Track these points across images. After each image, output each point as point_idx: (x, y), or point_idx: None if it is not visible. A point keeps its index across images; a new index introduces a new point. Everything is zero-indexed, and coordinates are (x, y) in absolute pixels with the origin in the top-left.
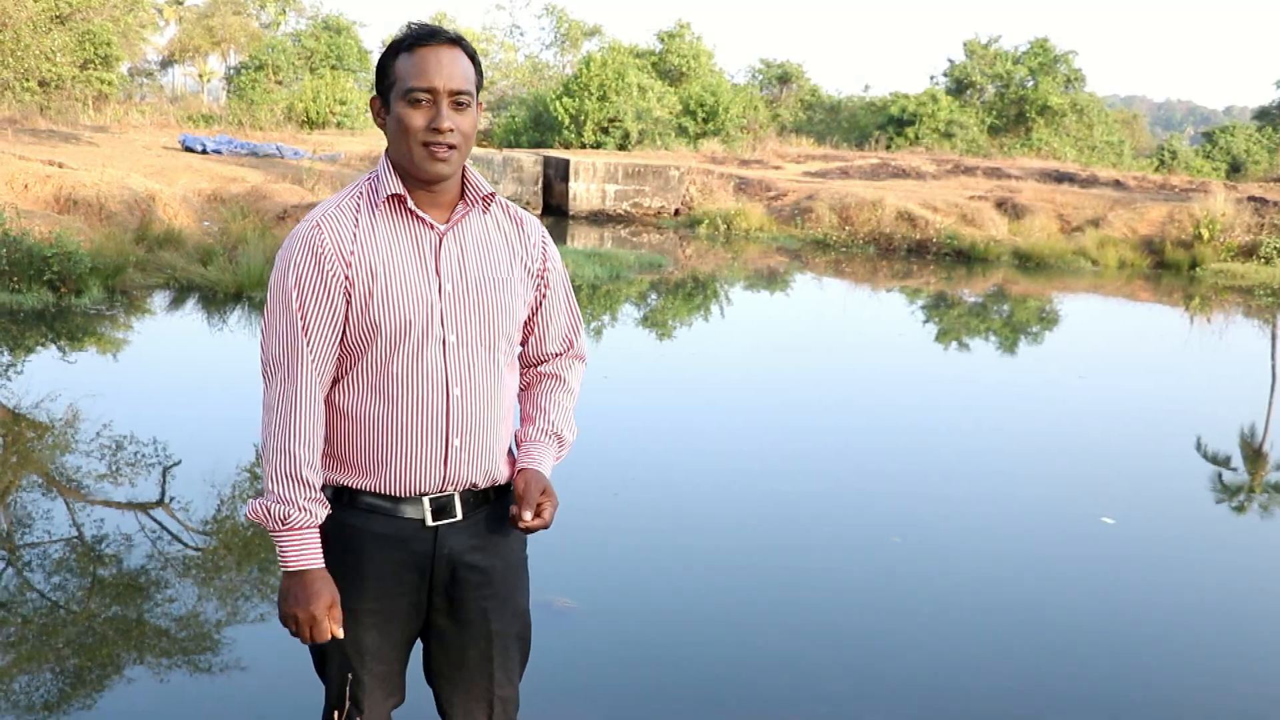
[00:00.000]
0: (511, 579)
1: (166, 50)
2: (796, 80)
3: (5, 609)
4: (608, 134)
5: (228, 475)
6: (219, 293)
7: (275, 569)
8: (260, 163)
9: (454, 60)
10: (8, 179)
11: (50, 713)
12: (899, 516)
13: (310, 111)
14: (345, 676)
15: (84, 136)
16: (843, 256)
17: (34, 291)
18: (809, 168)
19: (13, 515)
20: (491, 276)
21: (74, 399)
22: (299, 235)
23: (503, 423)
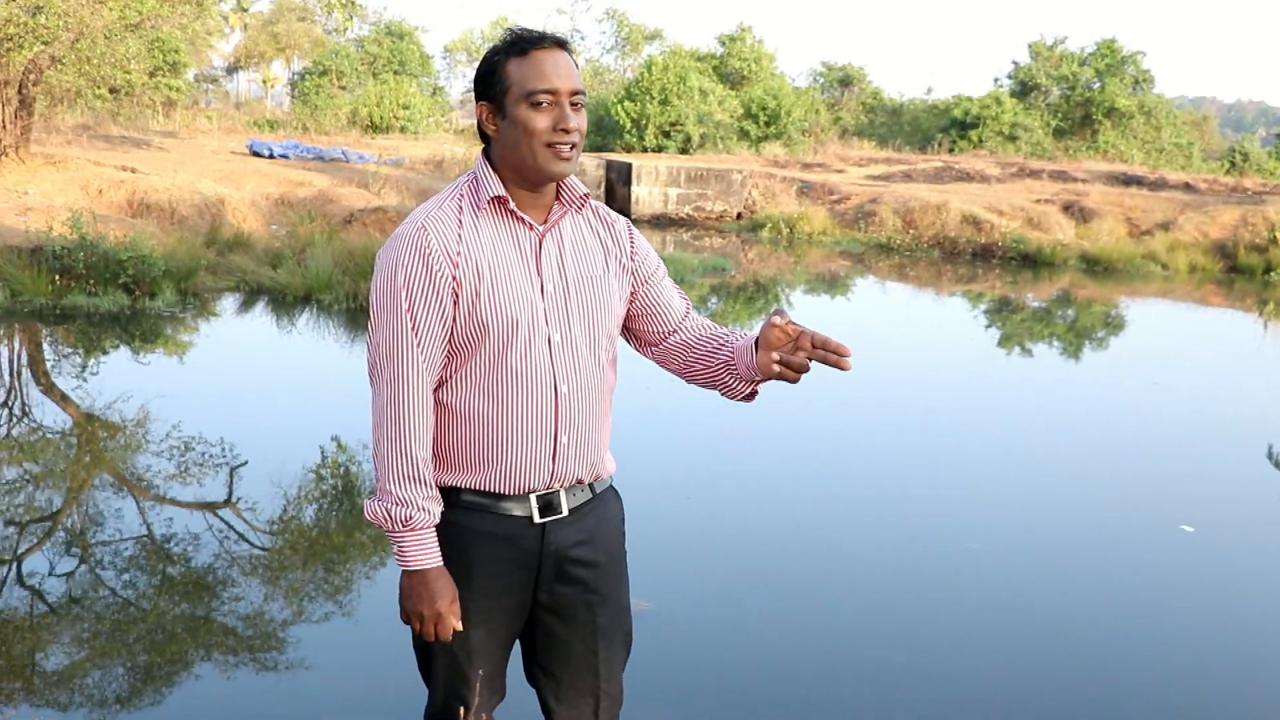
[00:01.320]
0: (615, 574)
1: (232, 56)
2: (858, 83)
3: (79, 605)
4: (669, 137)
5: (294, 476)
6: (288, 296)
7: (339, 569)
8: (326, 167)
9: (569, 61)
10: (83, 184)
11: (122, 707)
12: (974, 523)
13: (374, 116)
14: (452, 676)
15: (154, 142)
16: (906, 260)
17: (109, 294)
18: (872, 171)
19: (86, 513)
20: (589, 275)
21: (145, 400)
22: (404, 237)
23: (606, 416)
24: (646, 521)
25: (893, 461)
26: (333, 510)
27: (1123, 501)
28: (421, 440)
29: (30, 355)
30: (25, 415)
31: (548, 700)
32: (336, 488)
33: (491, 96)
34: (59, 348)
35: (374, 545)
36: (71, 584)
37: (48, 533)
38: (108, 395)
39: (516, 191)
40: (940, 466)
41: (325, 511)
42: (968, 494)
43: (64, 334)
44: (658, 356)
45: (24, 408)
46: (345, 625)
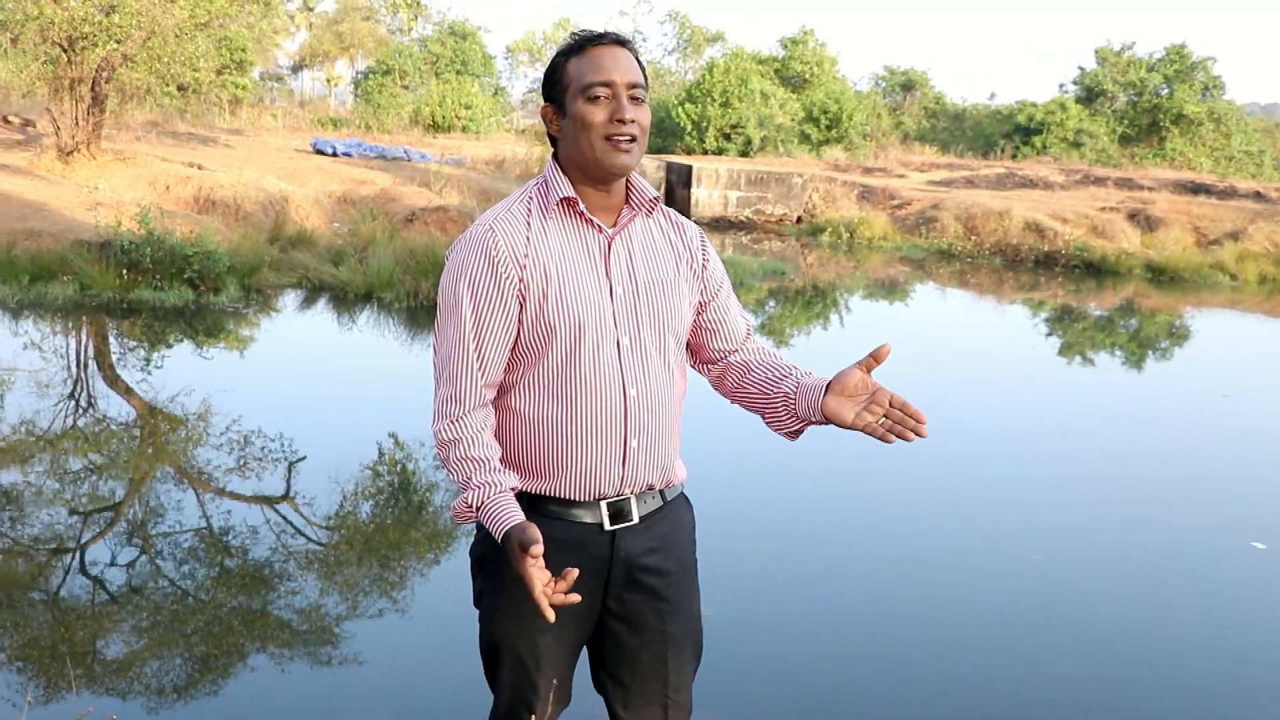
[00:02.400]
0: (685, 582)
1: (297, 55)
2: (920, 87)
3: (139, 595)
4: (730, 140)
5: (351, 473)
6: (349, 293)
7: (393, 566)
8: (388, 166)
9: (628, 56)
10: (151, 180)
11: (179, 697)
12: (1036, 534)
13: (436, 116)
14: (519, 682)
15: (221, 139)
16: (968, 267)
17: (175, 289)
18: (933, 176)
19: (147, 505)
20: (659, 279)
21: (207, 394)
22: (472, 238)
23: (676, 421)
24: (707, 525)
25: (953, 469)
26: (389, 507)
27: (1190, 516)
28: (480, 440)
29: (97, 348)
30: (91, 406)
31: (615, 708)
32: (393, 485)
33: (554, 96)
34: (125, 341)
35: (429, 543)
36: (132, 574)
37: (110, 523)
38: (171, 388)
39: (586, 193)
40: (1001, 476)
41: (381, 508)
42: (1029, 505)
43: (130, 327)
44: (714, 375)
45: (90, 399)
46: (399, 622)
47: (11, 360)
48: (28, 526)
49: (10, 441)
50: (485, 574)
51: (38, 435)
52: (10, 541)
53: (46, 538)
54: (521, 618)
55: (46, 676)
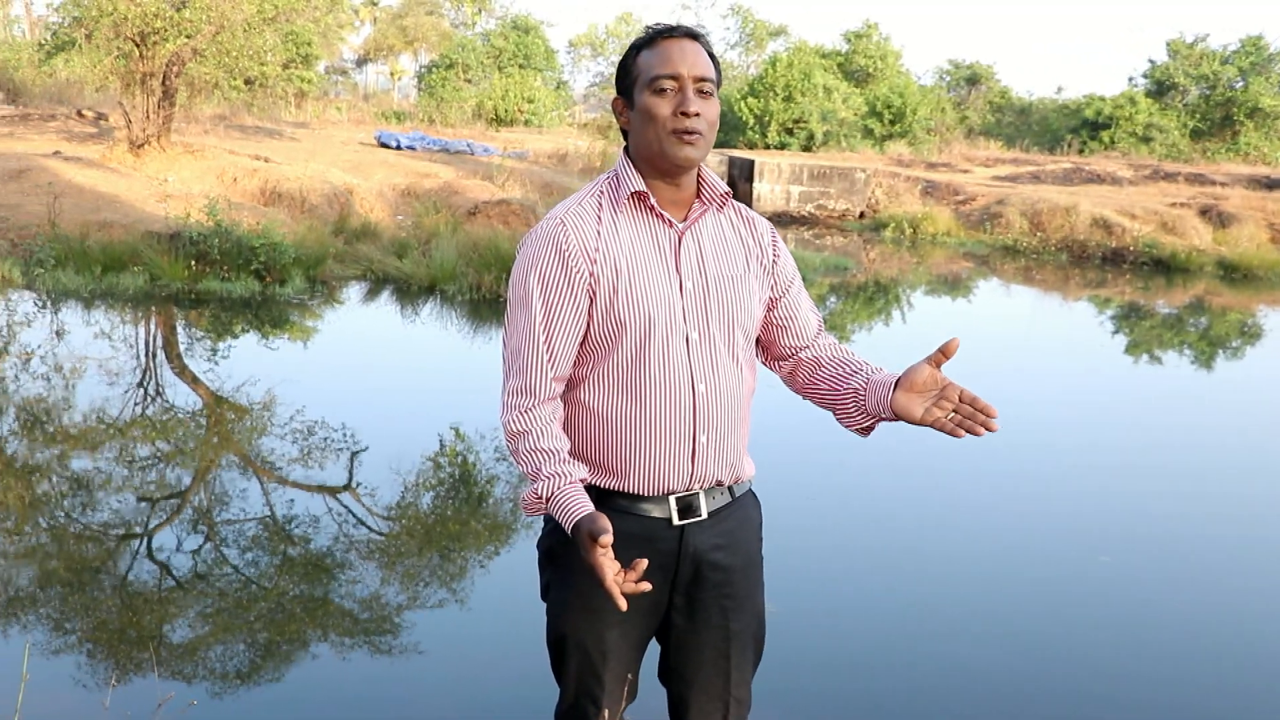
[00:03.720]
0: (751, 578)
1: (361, 49)
2: (986, 81)
3: (204, 581)
4: (792, 135)
5: (412, 463)
6: (412, 285)
7: (454, 557)
8: (452, 159)
9: (697, 50)
10: (219, 173)
11: (242, 682)
12: (1105, 533)
13: (499, 109)
14: (585, 675)
15: (286, 132)
16: (1033, 263)
17: (242, 280)
18: (998, 172)
19: (212, 492)
20: (729, 274)
21: (272, 384)
22: (543, 232)
23: (744, 419)
24: (771, 521)
25: (1020, 466)
26: (449, 498)
27: (1267, 518)
28: (549, 432)
29: (165, 337)
30: (159, 395)
31: (677, 702)
32: (454, 476)
33: (624, 89)
34: (192, 331)
35: (489, 535)
36: (197, 560)
37: (176, 510)
38: (236, 378)
39: (656, 187)
40: (1068, 474)
41: (442, 499)
42: (1097, 504)
43: (197, 318)
44: (785, 371)
45: (158, 388)
46: (458, 613)
47: (83, 349)
48: (98, 512)
49: (81, 429)
50: (553, 567)
51: (107, 423)
52: (81, 526)
53: (115, 523)
54: (589, 611)
55: (115, 659)
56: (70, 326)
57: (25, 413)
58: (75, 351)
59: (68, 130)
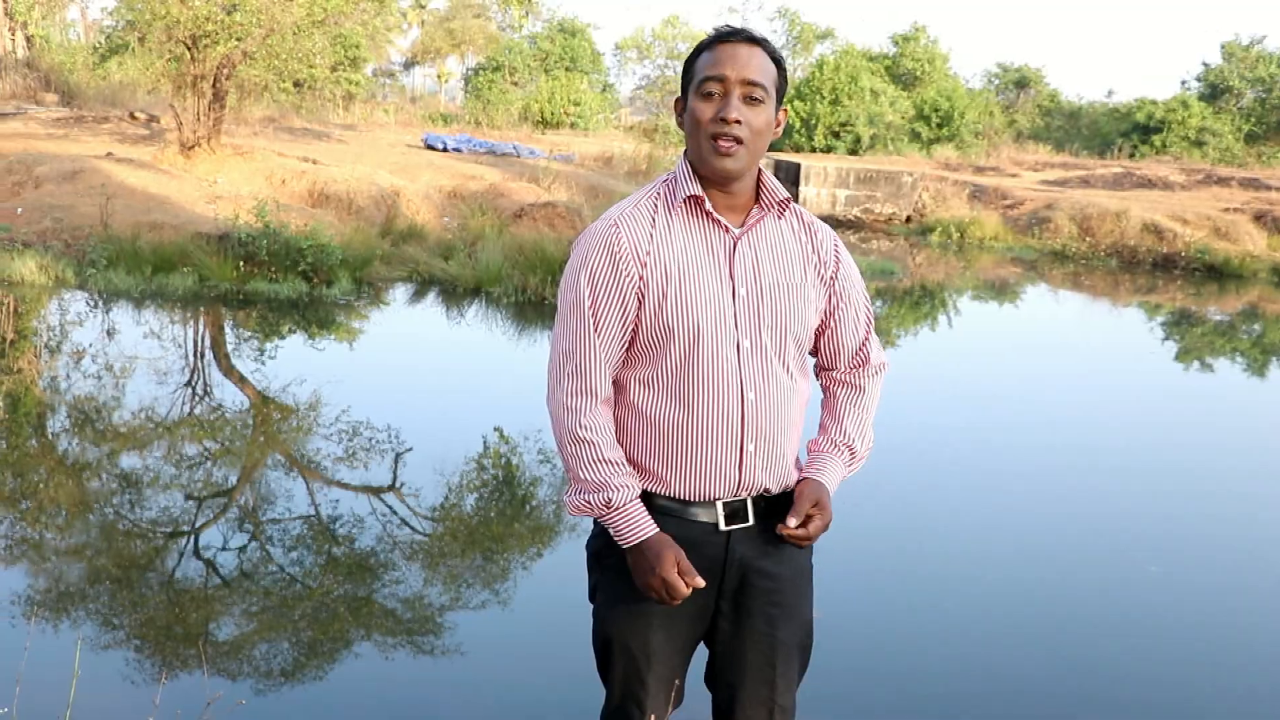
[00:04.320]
0: (799, 587)
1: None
2: (1035, 85)
3: (249, 579)
4: (839, 138)
5: (456, 465)
6: (458, 287)
7: (497, 558)
8: (498, 161)
9: (752, 55)
10: (268, 174)
11: (286, 680)
12: (1155, 545)
13: (545, 112)
14: (630, 678)
15: (334, 134)
16: (1082, 269)
17: (289, 281)
18: (1047, 176)
19: (258, 492)
20: (785, 282)
21: (318, 384)
22: (596, 234)
23: (794, 428)
24: None
25: (1067, 474)
26: (493, 500)
27: None
28: (602, 428)
29: (213, 337)
30: (206, 395)
31: (723, 708)
32: (497, 478)
33: (683, 90)
34: (240, 331)
35: (532, 537)
36: (243, 559)
37: (223, 508)
38: (283, 378)
39: (712, 192)
40: (1117, 483)
41: (486, 501)
42: (1147, 514)
43: (245, 318)
44: (822, 387)
45: (206, 387)
46: (501, 614)
47: (133, 349)
48: (146, 510)
49: (130, 427)
50: (601, 569)
51: (156, 422)
52: (130, 524)
53: (163, 521)
54: (634, 614)
55: (163, 656)
56: (121, 326)
57: (77, 411)
58: (125, 351)
59: (120, 132)
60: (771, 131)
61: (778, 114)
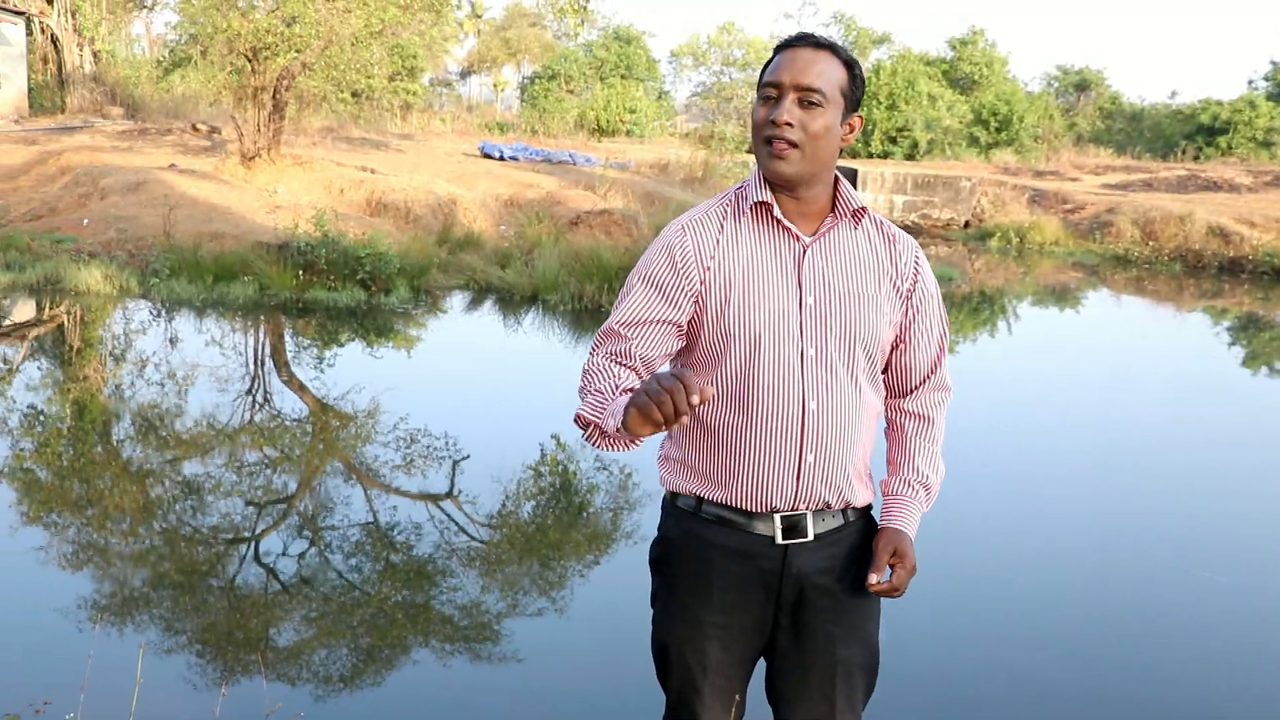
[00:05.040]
0: (863, 607)
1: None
2: (1096, 87)
3: (309, 585)
4: (896, 143)
5: (513, 472)
6: (515, 295)
7: (553, 566)
8: (554, 169)
9: (814, 60)
10: (326, 184)
11: (344, 685)
12: (1224, 556)
13: (601, 120)
14: (685, 688)
15: (392, 144)
16: (1145, 273)
17: (347, 289)
18: (1108, 179)
19: (317, 498)
20: (856, 292)
21: (376, 392)
22: (664, 237)
23: (860, 442)
24: None
25: (1129, 485)
26: (550, 508)
27: None
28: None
29: (273, 345)
30: (266, 402)
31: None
32: (554, 485)
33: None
34: (299, 339)
35: (589, 545)
36: (302, 565)
37: (283, 515)
38: (341, 386)
39: (782, 198)
40: (1185, 493)
41: (543, 508)
42: (1217, 525)
43: (304, 326)
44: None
45: (265, 395)
46: (558, 622)
47: (195, 357)
48: (207, 516)
49: (192, 434)
50: (659, 575)
51: (217, 429)
52: (191, 530)
53: (224, 527)
54: (690, 623)
55: (224, 661)
56: (183, 334)
57: (140, 418)
58: (187, 359)
59: (183, 144)
60: (835, 136)
61: (849, 119)
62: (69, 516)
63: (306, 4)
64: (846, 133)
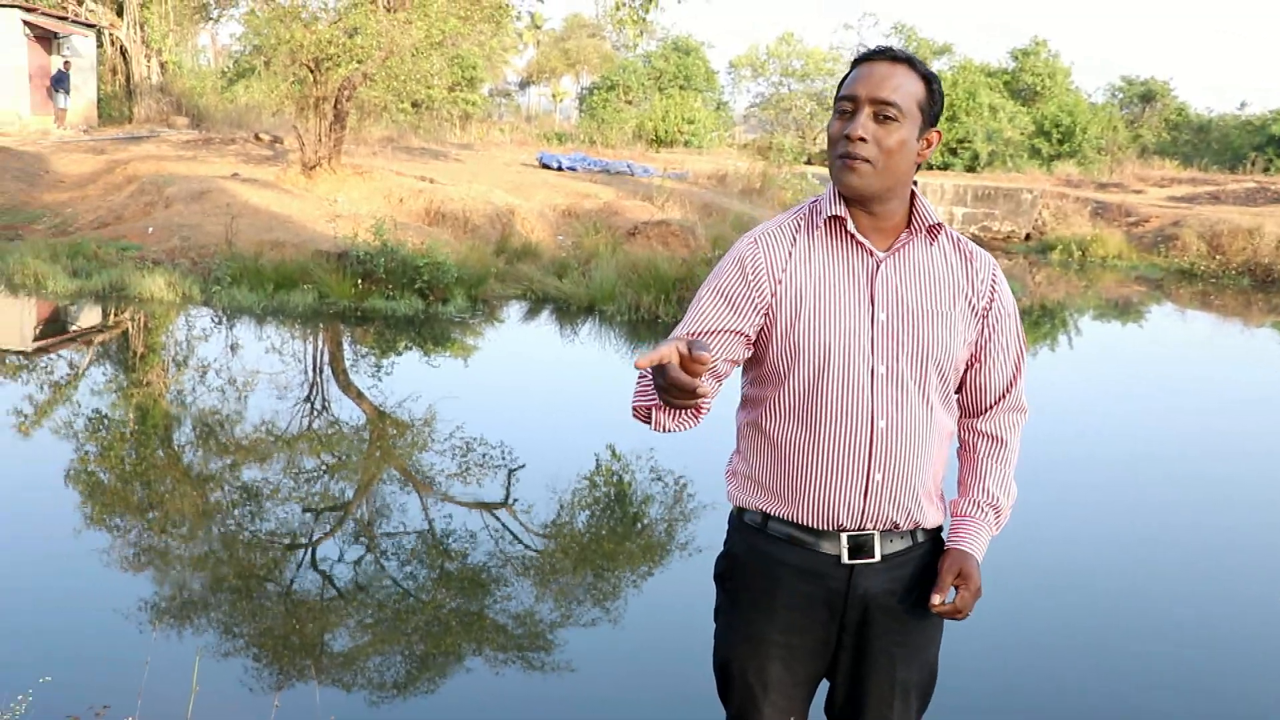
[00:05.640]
0: (926, 629)
1: (525, 72)
2: (1161, 98)
3: (364, 592)
4: (956, 155)
5: (568, 482)
6: (572, 305)
7: (607, 576)
8: (612, 179)
9: (890, 73)
10: (386, 193)
11: (398, 692)
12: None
13: (659, 130)
14: (746, 705)
15: (451, 154)
16: (1212, 288)
17: (406, 298)
18: (1174, 192)
19: (373, 506)
20: (930, 309)
21: (433, 400)
22: (737, 248)
23: (930, 462)
24: None
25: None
26: (604, 518)
27: None
28: None
29: (332, 353)
30: (324, 409)
31: None
32: (609, 496)
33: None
34: (357, 347)
35: (643, 555)
36: (358, 571)
37: (339, 522)
38: (399, 394)
39: (857, 213)
40: (1259, 509)
41: (597, 518)
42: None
43: (363, 335)
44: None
45: (324, 402)
46: (611, 632)
47: (255, 364)
48: (265, 521)
49: (251, 440)
50: (724, 591)
51: (276, 435)
52: (250, 535)
53: (282, 533)
54: (751, 640)
55: (280, 666)
56: (243, 342)
57: (201, 424)
58: (247, 366)
59: (245, 153)
60: (911, 151)
61: (926, 134)
62: (131, 519)
63: (368, 15)
64: (923, 147)
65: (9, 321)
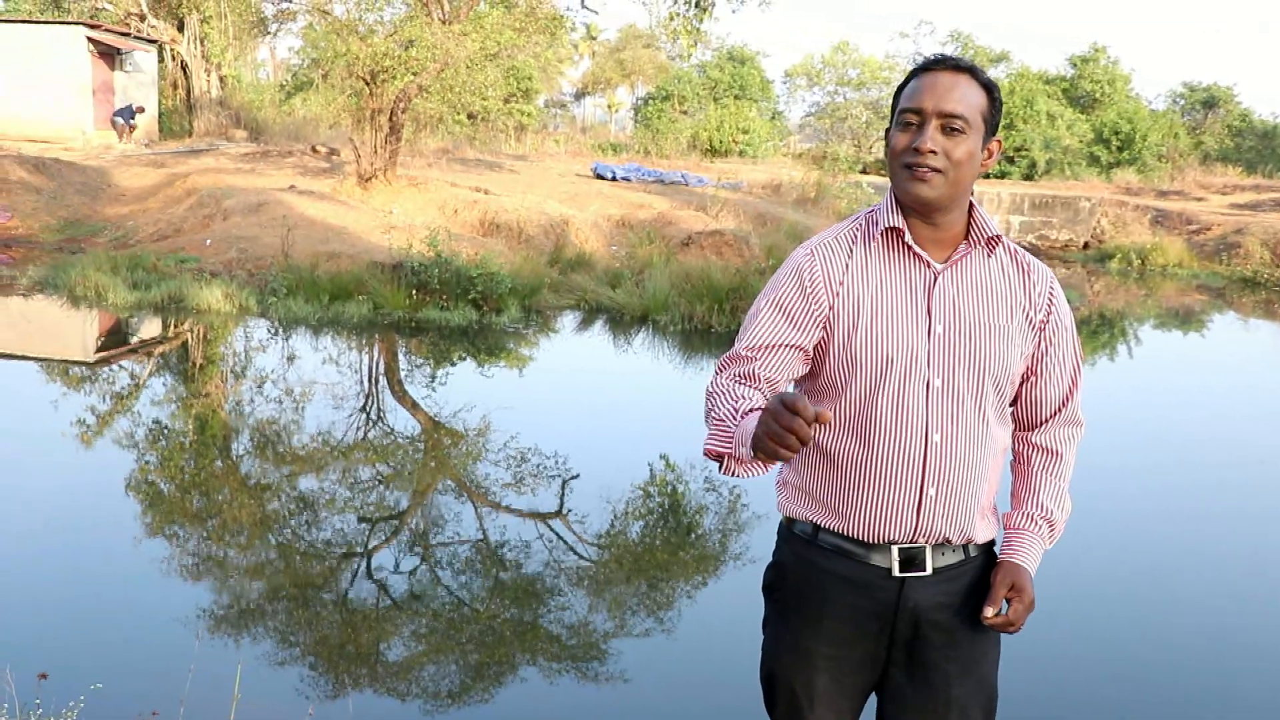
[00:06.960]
0: (980, 646)
1: (580, 83)
2: (1224, 104)
3: (419, 601)
4: (1013, 163)
5: (622, 492)
6: (626, 315)
7: (661, 586)
8: (666, 190)
9: (954, 84)
10: (440, 204)
11: (453, 702)
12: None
13: (713, 140)
14: (790, 717)
15: (506, 164)
16: (1275, 296)
17: (459, 309)
18: (1237, 199)
19: (428, 515)
20: (987, 322)
21: (487, 410)
22: (793, 260)
23: (984, 477)
24: None
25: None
26: (658, 528)
27: None
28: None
29: (387, 364)
30: (380, 420)
31: None
32: (663, 505)
33: (890, 121)
34: (412, 358)
35: (697, 566)
36: (413, 581)
37: (394, 531)
38: (453, 405)
39: (915, 225)
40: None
41: (651, 528)
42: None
43: (417, 345)
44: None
45: (379, 412)
46: (665, 643)
47: (311, 374)
48: (321, 531)
49: (308, 450)
50: (772, 602)
51: (332, 445)
52: (306, 544)
53: (337, 542)
54: (798, 653)
55: (335, 673)
56: (299, 352)
57: (258, 434)
58: (303, 376)
59: (302, 165)
60: (977, 163)
61: (989, 144)
62: (189, 529)
63: (424, 28)
64: (986, 158)
65: (71, 333)
